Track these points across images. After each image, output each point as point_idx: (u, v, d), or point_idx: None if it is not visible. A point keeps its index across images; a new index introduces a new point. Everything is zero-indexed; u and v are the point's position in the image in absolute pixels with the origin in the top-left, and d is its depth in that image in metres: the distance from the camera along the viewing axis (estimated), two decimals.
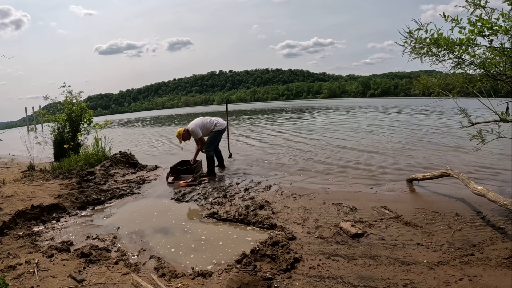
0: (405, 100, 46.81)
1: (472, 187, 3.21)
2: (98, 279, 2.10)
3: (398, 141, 7.72)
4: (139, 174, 5.54)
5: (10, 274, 2.15)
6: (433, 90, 3.41)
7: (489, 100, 2.99)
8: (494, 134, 2.95)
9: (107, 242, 2.79)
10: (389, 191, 4.00)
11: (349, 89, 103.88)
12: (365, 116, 16.84)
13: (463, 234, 2.65)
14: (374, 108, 24.73)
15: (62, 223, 3.34)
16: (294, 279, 2.08)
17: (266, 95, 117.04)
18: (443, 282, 1.95)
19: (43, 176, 5.30)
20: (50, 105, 7.78)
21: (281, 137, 9.59)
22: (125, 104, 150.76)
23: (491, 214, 3.01)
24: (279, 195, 3.95)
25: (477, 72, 3.03)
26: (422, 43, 2.86)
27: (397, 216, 3.09)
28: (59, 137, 6.98)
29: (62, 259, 2.39)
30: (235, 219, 3.19)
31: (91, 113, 7.18)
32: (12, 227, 3.04)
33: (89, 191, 4.30)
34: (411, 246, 2.47)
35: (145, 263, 2.40)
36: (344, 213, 3.26)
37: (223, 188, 4.35)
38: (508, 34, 2.52)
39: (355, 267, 2.20)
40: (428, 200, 3.59)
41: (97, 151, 6.32)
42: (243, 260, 2.32)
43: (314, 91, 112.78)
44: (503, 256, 2.18)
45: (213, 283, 2.04)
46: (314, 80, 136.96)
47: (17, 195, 3.97)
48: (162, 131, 15.00)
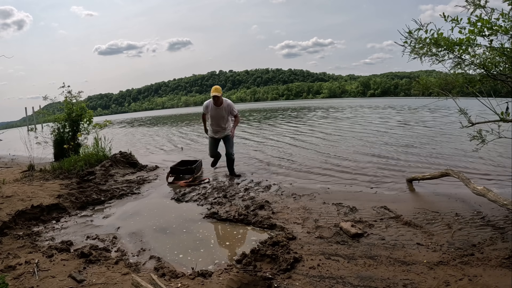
0: (405, 100, 46.80)
1: (472, 187, 3.21)
2: (98, 279, 2.10)
3: (398, 141, 7.72)
4: (139, 174, 5.54)
5: (10, 274, 2.15)
6: (433, 90, 3.41)
7: (489, 100, 2.98)
8: (494, 134, 2.95)
9: (107, 242, 2.79)
10: (389, 191, 4.00)
11: (349, 89, 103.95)
12: (365, 116, 16.84)
13: (463, 234, 2.65)
14: (374, 108, 24.72)
15: (62, 223, 3.34)
16: (294, 279, 2.08)
17: (266, 95, 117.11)
18: (443, 282, 1.95)
19: (43, 176, 5.30)
20: (50, 105, 7.78)
21: (281, 137, 9.59)
22: (125, 104, 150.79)
23: (491, 214, 3.01)
24: (279, 195, 3.95)
25: (477, 72, 3.03)
26: (422, 43, 2.85)
27: (397, 216, 3.09)
28: (59, 137, 6.97)
29: (62, 259, 2.39)
30: (235, 219, 3.19)
31: (91, 113, 7.18)
32: (12, 227, 3.04)
33: (89, 191, 4.30)
34: (411, 246, 2.47)
35: (145, 263, 2.40)
36: (344, 213, 3.26)
37: (223, 188, 4.35)
38: (508, 34, 2.52)
39: (355, 267, 2.20)
40: (428, 200, 3.59)
41: (97, 151, 6.32)
42: (243, 260, 2.32)
43: (314, 91, 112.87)
44: (503, 256, 2.18)
45: (213, 283, 2.04)
46: (314, 80, 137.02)
47: (17, 195, 3.97)
48: (162, 131, 15.01)
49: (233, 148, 5.02)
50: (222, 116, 4.89)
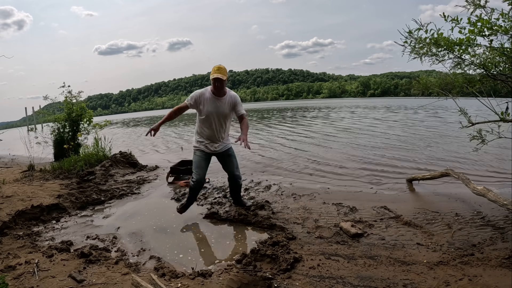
0: (405, 100, 46.80)
1: (472, 187, 3.21)
2: (98, 279, 2.10)
3: (398, 141, 7.72)
4: (139, 174, 5.54)
5: (10, 274, 2.15)
6: (433, 90, 3.41)
7: (489, 100, 2.98)
8: (494, 134, 2.95)
9: (107, 242, 2.79)
10: (389, 191, 4.00)
11: (349, 89, 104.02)
12: (364, 116, 16.84)
13: (463, 234, 2.65)
14: (374, 108, 24.73)
15: (62, 223, 3.34)
16: (294, 279, 2.08)
17: (266, 95, 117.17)
18: (443, 282, 1.95)
19: (43, 176, 5.30)
20: (50, 105, 7.78)
21: (281, 137, 9.59)
22: (125, 104, 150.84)
23: (491, 214, 3.00)
24: (279, 195, 3.95)
25: (477, 72, 3.03)
26: (422, 43, 2.85)
27: (397, 216, 3.09)
28: (59, 137, 6.97)
29: (62, 259, 2.39)
30: (235, 219, 3.19)
31: (91, 113, 7.18)
32: (12, 227, 3.04)
33: (89, 191, 4.29)
34: (411, 246, 2.47)
35: (145, 263, 2.40)
36: (344, 213, 3.26)
37: (223, 188, 4.35)
38: (508, 34, 2.52)
39: (355, 267, 2.20)
40: (428, 200, 3.59)
41: (97, 151, 6.32)
42: (243, 260, 2.31)
43: (314, 91, 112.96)
44: (503, 256, 2.18)
45: (213, 283, 2.04)
46: (314, 80, 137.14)
47: (17, 195, 3.97)
48: (162, 131, 15.01)
49: (239, 168, 3.40)
50: (224, 114, 3.13)
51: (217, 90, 3.06)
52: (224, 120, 3.19)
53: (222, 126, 3.20)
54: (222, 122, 3.19)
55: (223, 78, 2.99)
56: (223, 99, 3.13)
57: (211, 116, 3.12)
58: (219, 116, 3.14)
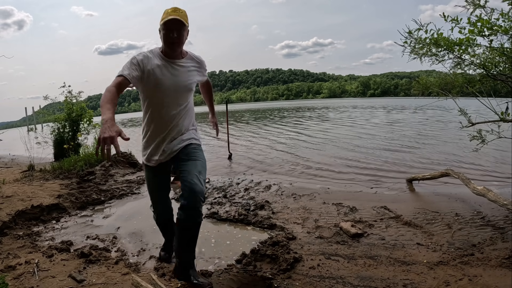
0: (405, 100, 46.80)
1: (472, 187, 3.21)
2: (98, 279, 2.10)
3: (398, 141, 7.72)
4: (139, 174, 5.53)
5: (10, 274, 2.15)
6: (433, 90, 3.41)
7: (489, 100, 2.98)
8: (494, 134, 2.95)
9: (107, 242, 2.79)
10: (389, 191, 4.00)
11: (349, 89, 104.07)
12: (364, 116, 16.83)
13: (463, 234, 2.65)
14: (374, 108, 24.73)
15: (62, 223, 3.33)
16: (294, 279, 2.08)
17: (266, 95, 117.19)
18: (443, 282, 1.95)
19: (43, 176, 5.30)
20: (50, 105, 7.78)
21: (281, 137, 9.59)
22: (125, 104, 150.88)
23: (491, 214, 3.00)
24: (279, 195, 3.95)
25: (477, 72, 3.03)
26: (422, 43, 2.85)
27: (397, 216, 3.09)
28: (59, 137, 6.97)
29: (62, 259, 2.39)
30: (235, 219, 3.19)
31: (91, 113, 7.18)
32: (12, 227, 3.04)
33: (89, 191, 4.29)
34: (411, 246, 2.47)
35: (145, 263, 2.40)
36: (344, 213, 3.26)
37: (223, 188, 4.35)
38: (508, 34, 2.52)
39: (355, 267, 2.20)
40: (428, 200, 3.59)
41: None
42: (243, 260, 2.32)
43: (314, 91, 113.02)
44: (503, 256, 2.18)
45: (213, 283, 2.04)
46: (314, 80, 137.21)
47: (17, 195, 3.97)
48: None
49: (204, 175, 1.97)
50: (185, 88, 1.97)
51: (173, 46, 1.87)
52: (183, 98, 1.98)
53: (180, 109, 1.97)
54: (181, 102, 1.98)
55: (184, 24, 1.83)
56: (183, 63, 1.97)
57: (163, 94, 1.91)
58: (176, 92, 1.94)
